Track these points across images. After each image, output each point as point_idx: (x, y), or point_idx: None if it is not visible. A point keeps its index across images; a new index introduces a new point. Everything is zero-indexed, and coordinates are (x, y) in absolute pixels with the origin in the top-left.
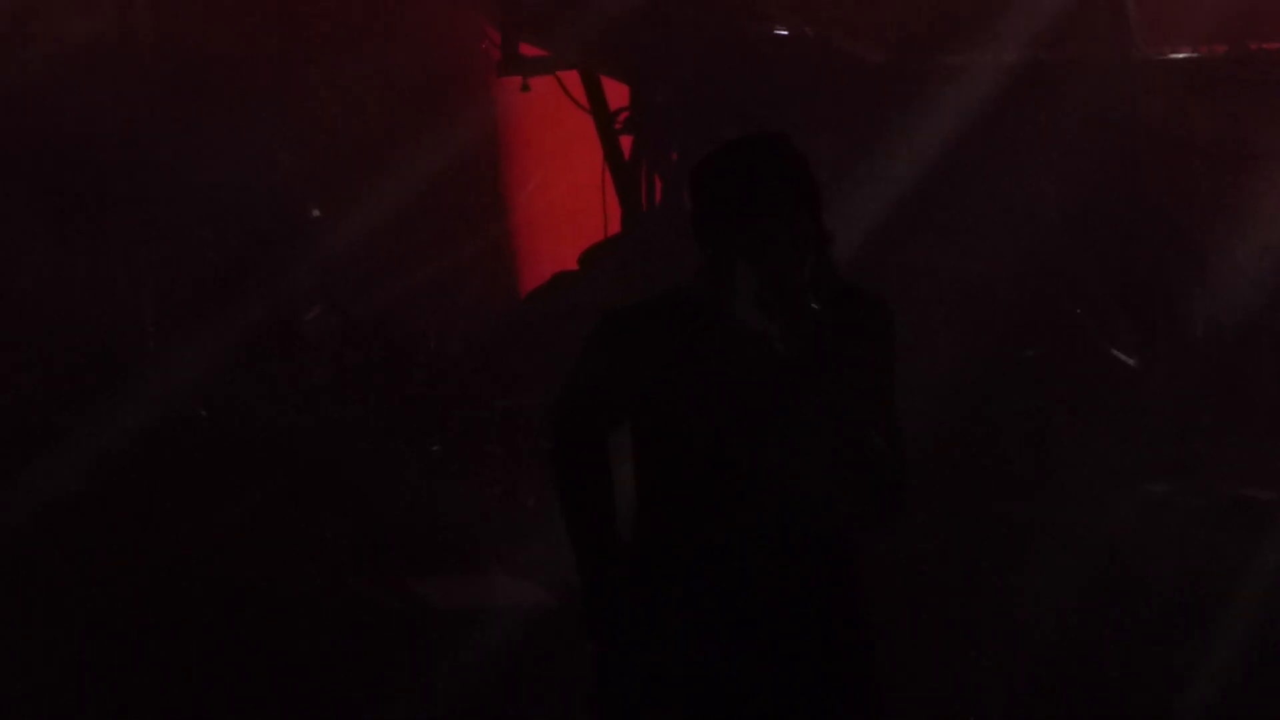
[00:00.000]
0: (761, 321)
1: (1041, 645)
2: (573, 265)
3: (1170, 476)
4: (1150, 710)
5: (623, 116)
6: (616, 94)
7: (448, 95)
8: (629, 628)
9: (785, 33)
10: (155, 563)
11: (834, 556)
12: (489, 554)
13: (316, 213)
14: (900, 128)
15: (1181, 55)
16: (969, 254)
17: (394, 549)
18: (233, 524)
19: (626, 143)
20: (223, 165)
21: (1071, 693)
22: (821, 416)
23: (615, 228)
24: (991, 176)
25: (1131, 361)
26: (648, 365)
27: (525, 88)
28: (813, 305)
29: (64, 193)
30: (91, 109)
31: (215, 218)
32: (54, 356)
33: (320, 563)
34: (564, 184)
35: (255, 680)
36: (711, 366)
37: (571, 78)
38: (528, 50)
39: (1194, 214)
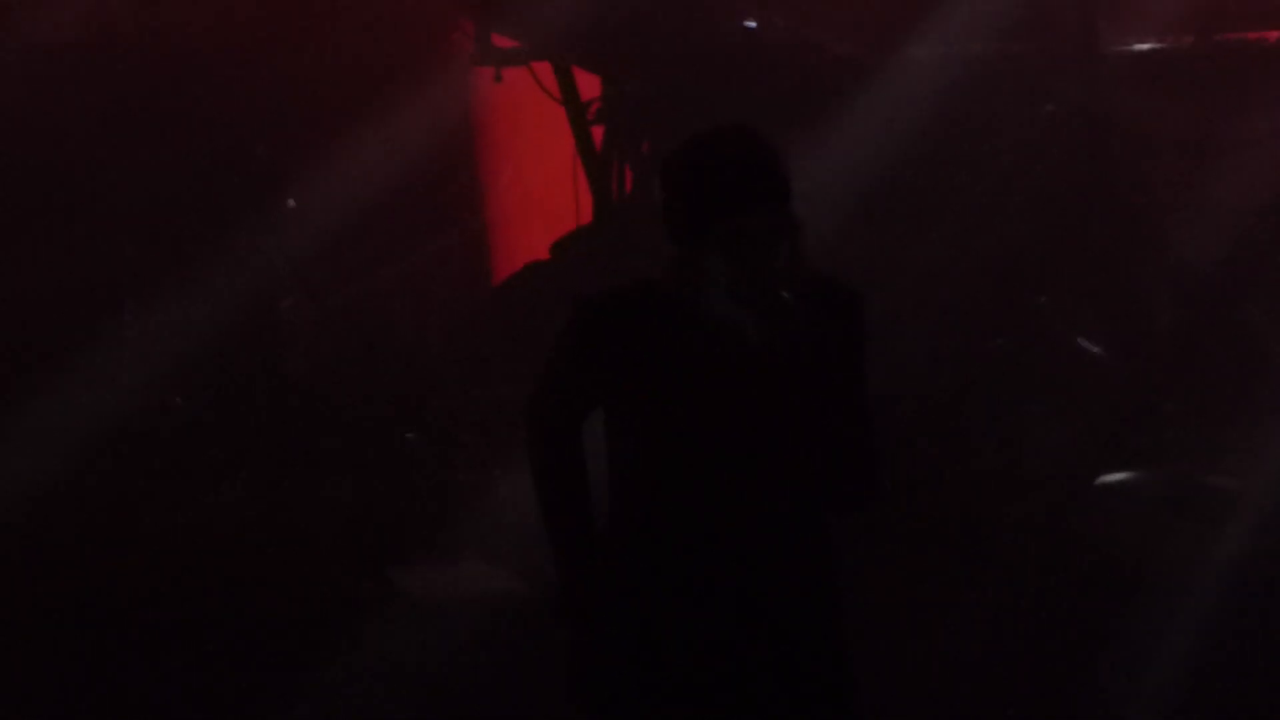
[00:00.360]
0: (734, 311)
1: (1010, 630)
2: (544, 255)
3: (1134, 463)
4: (1112, 691)
5: (594, 107)
6: (588, 85)
7: (421, 85)
8: (604, 613)
9: (755, 25)
10: (135, 555)
11: (807, 540)
12: (465, 542)
13: (291, 203)
14: (869, 119)
15: (1146, 47)
16: (936, 244)
17: (371, 537)
18: (211, 514)
19: (598, 133)
20: (198, 155)
21: (1038, 675)
22: (793, 404)
23: (587, 218)
24: (958, 168)
25: (1096, 351)
26: (620, 354)
27: (498, 78)
28: (784, 295)
29: (44, 186)
30: (67, 98)
31: (190, 208)
32: (31, 346)
33: (299, 552)
34: (536, 174)
35: (237, 669)
36: (684, 355)
37: (544, 69)
38: (500, 41)
39: (1158, 205)
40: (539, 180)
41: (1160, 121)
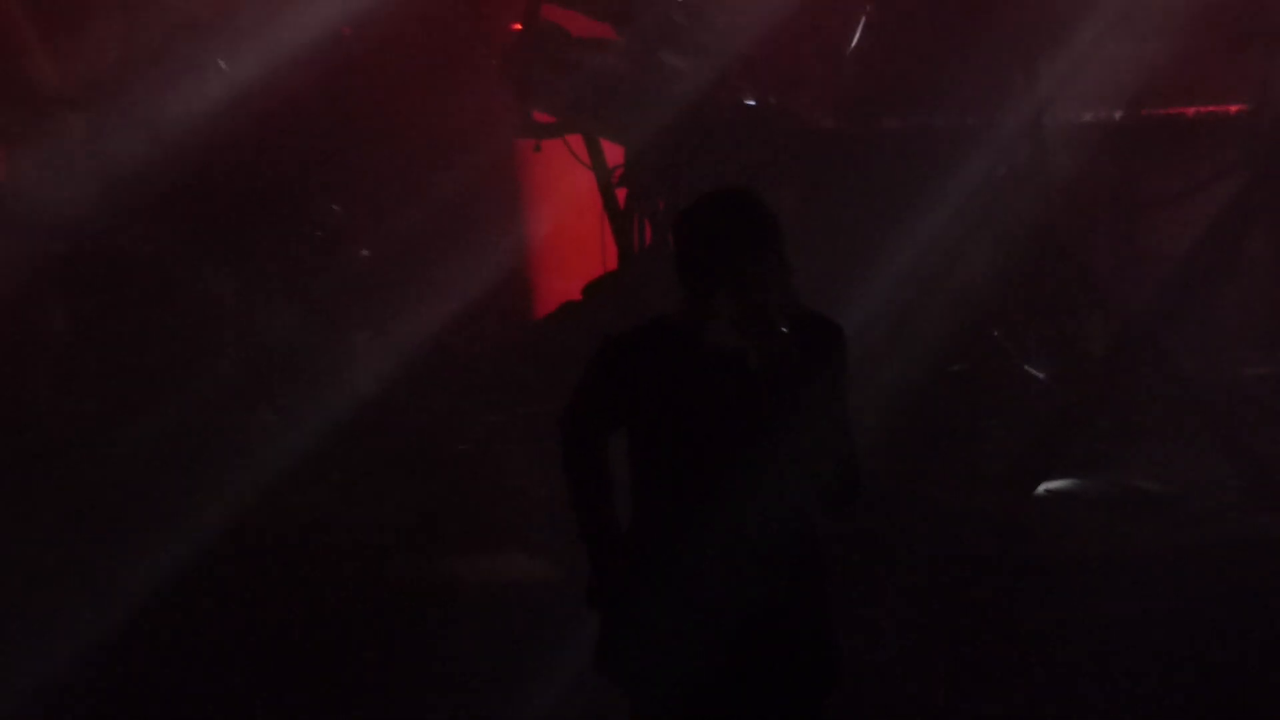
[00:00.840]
0: (736, 341)
1: (968, 604)
2: (577, 296)
3: (1074, 471)
4: (1050, 673)
5: (618, 173)
6: (613, 154)
7: (475, 154)
8: (627, 597)
9: (753, 102)
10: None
11: (799, 536)
12: (509, 537)
13: (366, 253)
14: (848, 181)
15: (1084, 119)
16: (905, 285)
17: (432, 532)
18: (304, 511)
19: (621, 194)
20: (291, 212)
21: (989, 640)
22: (788, 420)
23: (613, 265)
24: (924, 222)
25: (1041, 375)
26: (639, 380)
27: (537, 148)
28: (780, 328)
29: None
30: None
31: (284, 258)
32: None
33: (374, 543)
34: (570, 228)
35: (319, 650)
36: (693, 380)
37: (576, 140)
38: (540, 117)
39: (1093, 253)
40: (573, 233)
41: (1097, 182)
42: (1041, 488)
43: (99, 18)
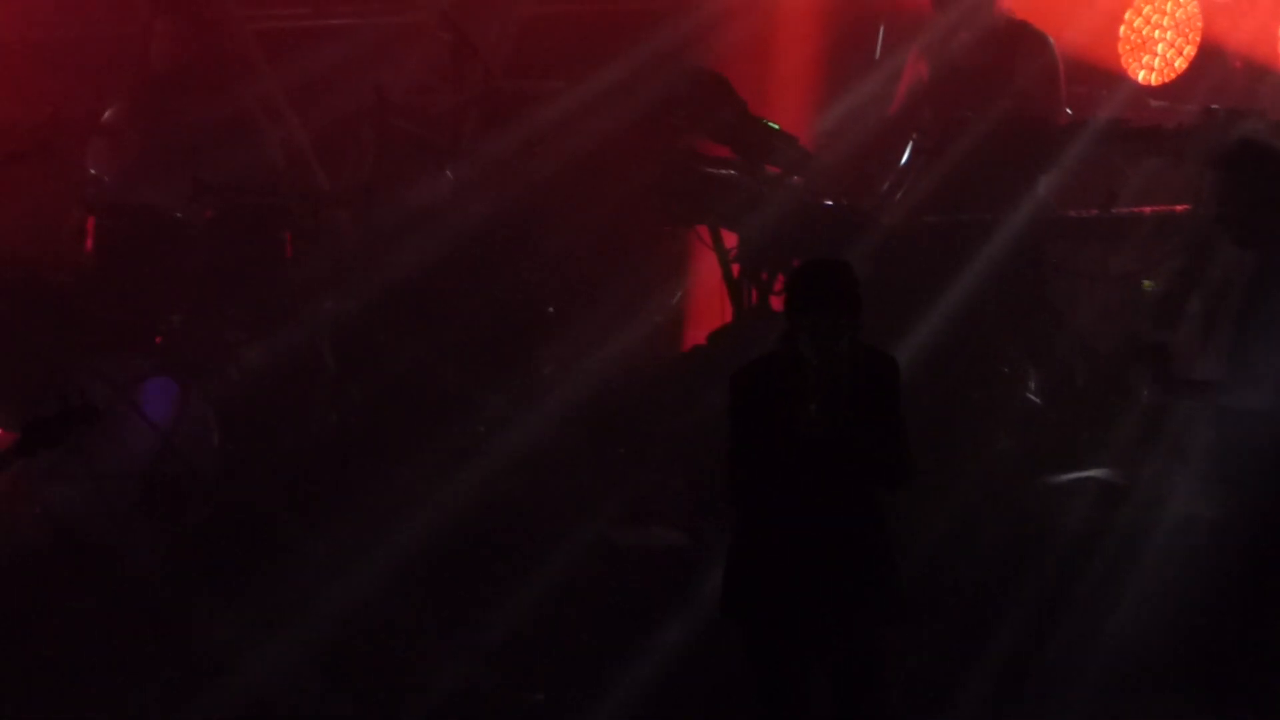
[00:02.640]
0: (818, 369)
1: (986, 567)
2: (703, 340)
3: (1063, 471)
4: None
5: (733, 252)
6: (730, 239)
7: (640, 235)
8: (742, 558)
9: (830, 202)
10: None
11: (870, 512)
12: (654, 511)
13: (551, 309)
14: (899, 260)
15: (1071, 215)
16: (940, 334)
17: (605, 511)
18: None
19: (736, 268)
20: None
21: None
22: (856, 424)
23: (729, 318)
24: (956, 290)
25: (1038, 401)
26: (751, 399)
27: (674, 236)
28: (841, 359)
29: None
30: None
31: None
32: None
33: (569, 513)
34: (701, 291)
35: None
36: (788, 393)
37: (703, 229)
38: (677, 210)
39: (1077, 312)
40: (703, 295)
41: (1078, 260)
42: (1038, 481)
43: (354, 139)
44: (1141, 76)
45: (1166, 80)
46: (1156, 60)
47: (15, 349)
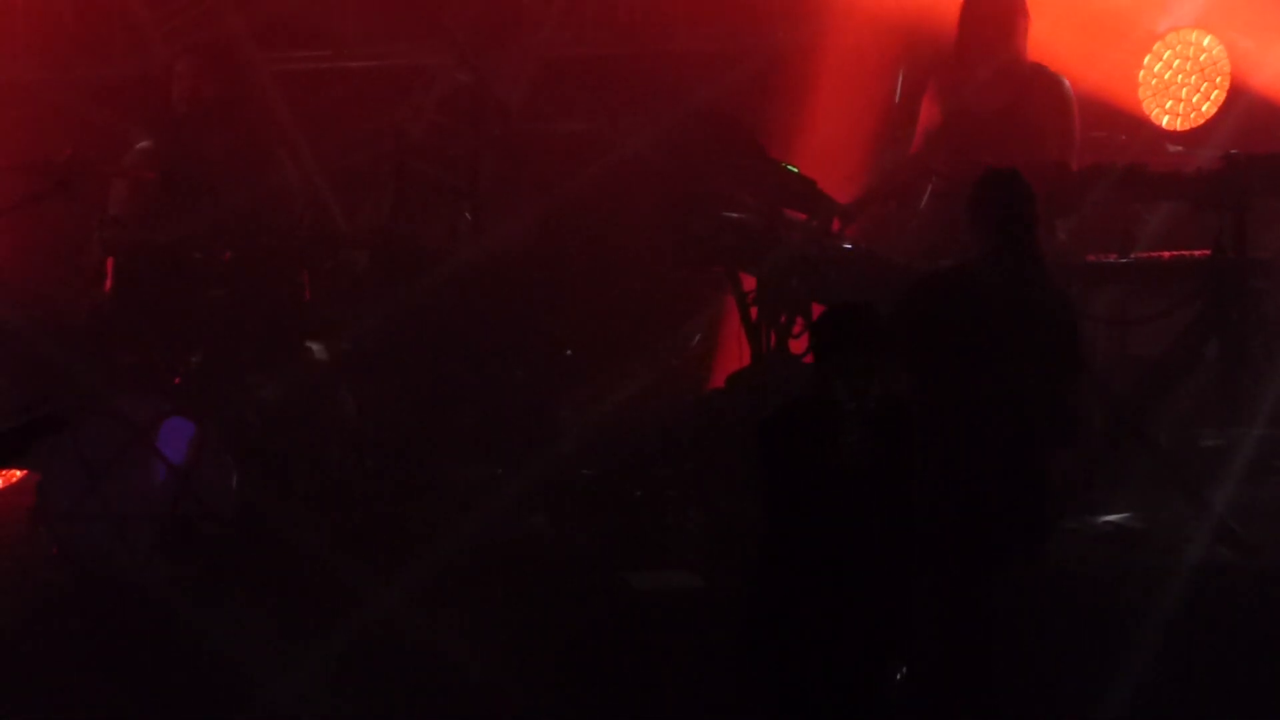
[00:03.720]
0: (845, 404)
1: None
2: (721, 384)
3: (1079, 513)
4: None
5: (751, 296)
6: (749, 282)
7: (657, 281)
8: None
9: (849, 246)
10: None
11: (905, 550)
12: (672, 558)
13: (569, 352)
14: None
15: (1090, 260)
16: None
17: (617, 552)
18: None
19: (754, 311)
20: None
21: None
22: (867, 448)
23: (747, 361)
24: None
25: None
26: (785, 441)
27: (692, 278)
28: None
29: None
30: None
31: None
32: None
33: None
34: (718, 335)
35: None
36: (820, 437)
37: (721, 272)
38: (694, 254)
39: (1095, 355)
40: (720, 339)
41: (1096, 304)
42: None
43: (373, 181)
44: (1166, 122)
45: (1195, 125)
46: (1181, 105)
47: (32, 388)
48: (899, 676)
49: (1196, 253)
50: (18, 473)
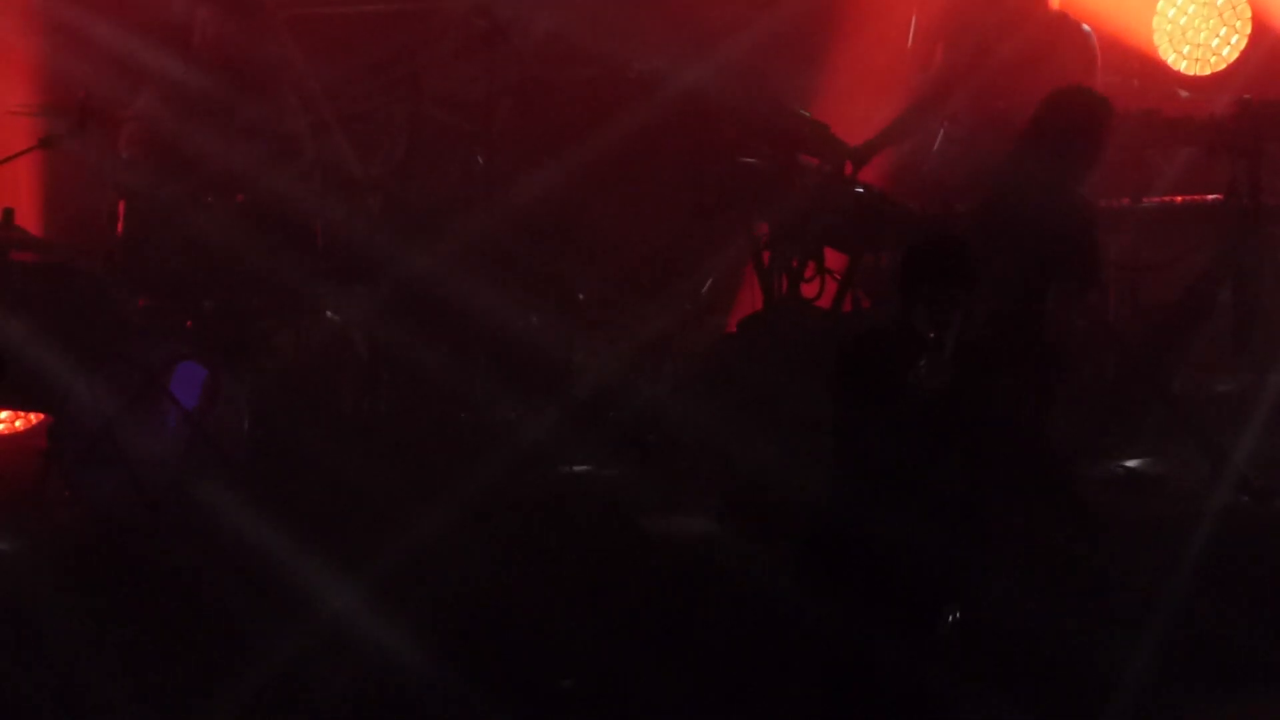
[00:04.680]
0: (933, 340)
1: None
2: (733, 328)
3: (1098, 459)
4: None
5: (764, 239)
6: (761, 227)
7: (670, 225)
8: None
9: (861, 189)
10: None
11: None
12: (685, 502)
13: (581, 296)
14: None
15: (1103, 205)
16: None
17: (635, 498)
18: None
19: (766, 256)
20: None
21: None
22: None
23: (759, 305)
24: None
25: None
26: (864, 365)
27: (705, 223)
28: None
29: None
30: None
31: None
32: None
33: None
34: (731, 280)
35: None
36: (899, 361)
37: (734, 216)
38: (707, 200)
39: (1109, 304)
40: (733, 282)
41: (1110, 251)
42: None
43: (387, 126)
44: (1184, 67)
45: (1216, 71)
46: (1200, 50)
47: (46, 332)
48: (952, 619)
49: (1210, 198)
50: (32, 416)
